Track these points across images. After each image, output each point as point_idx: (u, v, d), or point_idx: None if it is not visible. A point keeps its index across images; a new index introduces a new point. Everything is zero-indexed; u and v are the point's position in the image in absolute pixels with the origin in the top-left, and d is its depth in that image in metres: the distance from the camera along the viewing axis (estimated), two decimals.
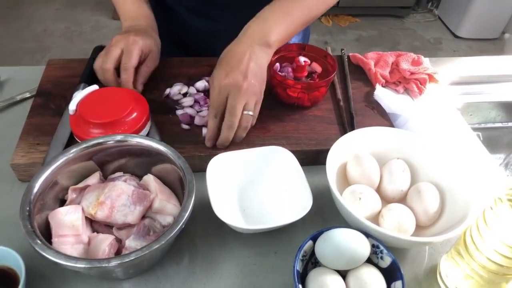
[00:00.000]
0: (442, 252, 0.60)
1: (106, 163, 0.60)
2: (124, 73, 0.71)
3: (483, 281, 0.51)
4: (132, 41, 0.71)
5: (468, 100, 0.96)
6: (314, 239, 0.53)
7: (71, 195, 0.56)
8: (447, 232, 0.54)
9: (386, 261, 0.53)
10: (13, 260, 0.50)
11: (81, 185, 0.57)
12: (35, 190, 0.51)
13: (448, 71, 0.96)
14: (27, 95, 0.78)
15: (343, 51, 0.90)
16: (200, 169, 0.62)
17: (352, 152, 0.65)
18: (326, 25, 2.96)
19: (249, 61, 0.64)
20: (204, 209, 0.61)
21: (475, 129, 0.84)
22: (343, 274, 0.52)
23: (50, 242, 0.50)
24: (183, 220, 0.49)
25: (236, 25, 0.69)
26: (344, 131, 0.71)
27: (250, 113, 0.65)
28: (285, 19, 0.69)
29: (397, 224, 0.57)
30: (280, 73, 0.77)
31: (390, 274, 0.52)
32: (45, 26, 2.69)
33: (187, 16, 0.87)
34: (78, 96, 0.65)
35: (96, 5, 2.90)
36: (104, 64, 0.70)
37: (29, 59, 2.42)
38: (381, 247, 0.53)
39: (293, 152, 0.64)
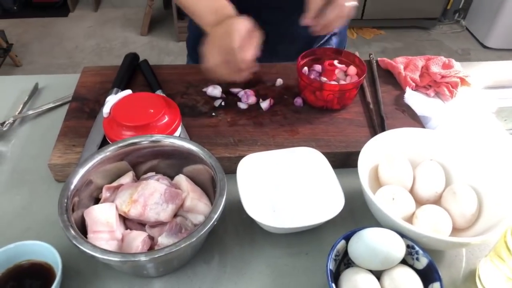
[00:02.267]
0: (480, 256, 0.58)
1: (138, 164, 0.61)
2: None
3: None
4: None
5: (501, 104, 0.93)
6: (347, 238, 0.52)
7: (105, 193, 0.57)
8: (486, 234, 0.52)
9: (422, 262, 0.51)
10: (50, 255, 0.52)
11: (115, 184, 0.58)
12: (72, 186, 0.53)
13: (480, 75, 0.94)
14: (63, 101, 0.80)
15: (371, 56, 0.89)
16: (229, 171, 0.62)
17: (384, 153, 0.64)
18: (350, 37, 2.96)
19: None
20: (234, 210, 0.61)
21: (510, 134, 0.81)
22: (377, 275, 0.51)
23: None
24: (215, 217, 0.49)
25: (285, 26, 0.64)
26: (374, 133, 0.71)
27: None
28: None
29: (432, 226, 0.55)
30: (308, 76, 0.77)
31: (427, 275, 0.50)
32: (76, 43, 2.80)
33: None
34: (112, 99, 0.67)
35: (126, 22, 3.01)
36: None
37: (61, 74, 2.52)
38: (417, 248, 0.51)
39: (323, 154, 0.64)
